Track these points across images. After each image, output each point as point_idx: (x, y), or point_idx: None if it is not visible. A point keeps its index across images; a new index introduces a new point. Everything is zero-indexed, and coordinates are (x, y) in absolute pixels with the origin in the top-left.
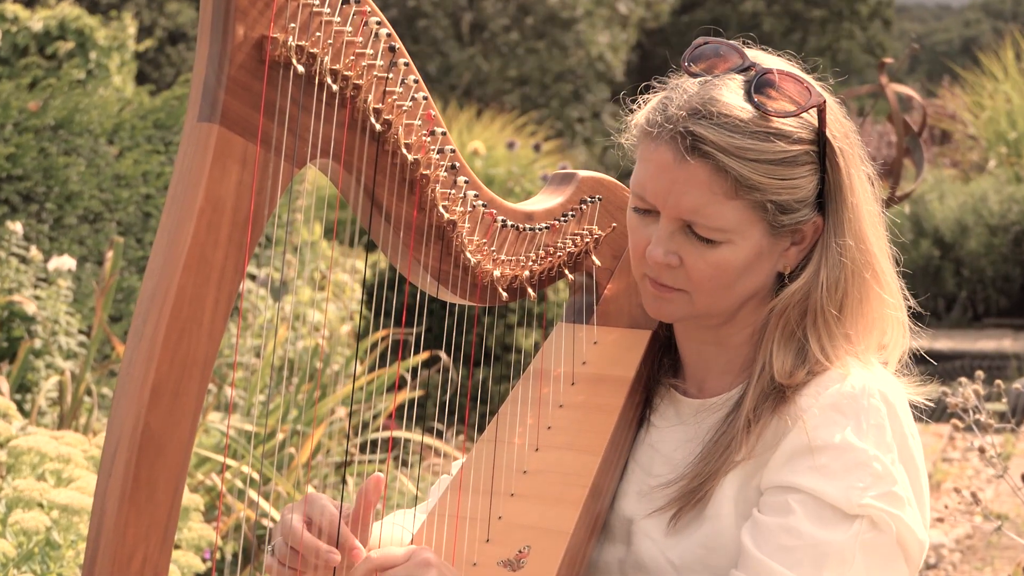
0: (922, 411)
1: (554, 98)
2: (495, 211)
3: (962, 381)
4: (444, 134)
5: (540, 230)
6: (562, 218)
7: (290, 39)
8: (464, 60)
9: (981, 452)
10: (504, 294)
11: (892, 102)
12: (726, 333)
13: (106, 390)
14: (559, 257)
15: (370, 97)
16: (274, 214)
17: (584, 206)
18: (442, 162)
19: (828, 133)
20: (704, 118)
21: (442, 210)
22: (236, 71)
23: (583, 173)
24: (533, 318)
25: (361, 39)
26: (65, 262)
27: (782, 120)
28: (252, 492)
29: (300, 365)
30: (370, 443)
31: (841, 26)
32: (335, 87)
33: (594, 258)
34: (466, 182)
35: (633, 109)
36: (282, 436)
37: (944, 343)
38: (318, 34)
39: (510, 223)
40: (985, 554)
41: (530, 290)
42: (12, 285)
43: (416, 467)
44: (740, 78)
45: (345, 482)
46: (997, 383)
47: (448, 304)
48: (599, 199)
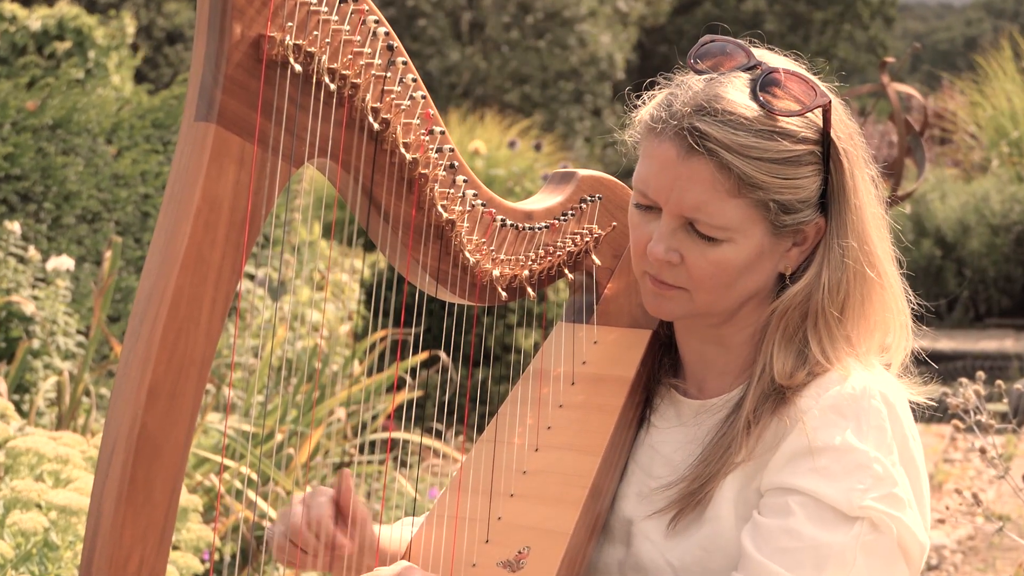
0: (923, 411)
1: (554, 99)
2: (494, 210)
3: (963, 382)
4: (443, 133)
5: (540, 229)
6: (562, 217)
7: (287, 38)
8: (464, 59)
9: (982, 453)
10: (503, 294)
11: (894, 101)
12: (726, 333)
13: (104, 390)
14: (559, 256)
15: (368, 96)
16: (272, 213)
17: (584, 205)
18: (441, 161)
19: (833, 134)
20: (708, 115)
21: (441, 209)
22: (233, 70)
23: (583, 172)
24: (533, 318)
25: (359, 38)
26: (63, 262)
27: (787, 119)
28: (251, 493)
29: (299, 365)
30: (369, 444)
31: (842, 26)
32: (333, 86)
33: (594, 257)
34: (465, 181)
35: (637, 105)
36: (281, 437)
37: (946, 343)
38: (316, 33)
39: (509, 222)
40: (987, 555)
41: (530, 290)
42: (10, 285)
43: (415, 468)
44: (746, 76)
45: None
46: (998, 384)
47: (448, 304)
48: (599, 198)
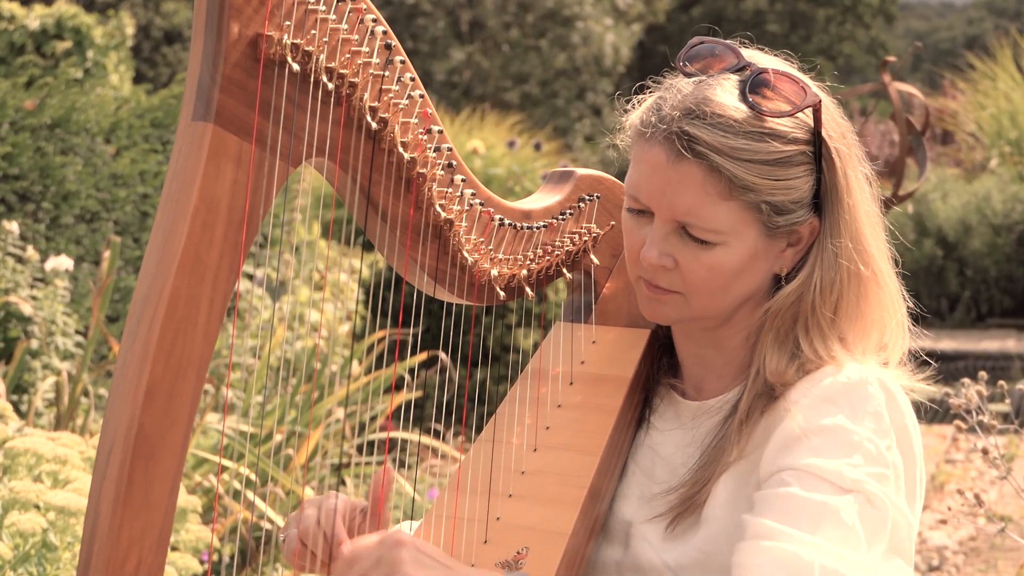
0: (925, 412)
1: (555, 96)
2: (492, 209)
3: (965, 382)
4: (440, 132)
5: (538, 228)
6: (560, 216)
7: (285, 37)
8: (464, 58)
9: (984, 453)
10: (502, 293)
11: (895, 101)
12: (723, 335)
13: (103, 391)
14: (557, 256)
15: (366, 95)
16: (270, 213)
17: (582, 204)
18: (439, 160)
19: (824, 133)
20: (698, 118)
21: (439, 209)
22: (231, 69)
23: (581, 171)
24: (532, 318)
25: (357, 37)
26: (62, 262)
27: (777, 120)
28: (250, 493)
29: (298, 366)
30: (368, 444)
31: (844, 25)
32: (331, 85)
33: (592, 257)
34: (463, 180)
35: (627, 109)
36: (280, 437)
37: (947, 343)
38: (313, 32)
39: (507, 222)
40: (988, 556)
41: (528, 289)
42: (9, 285)
43: (415, 468)
44: (735, 78)
45: (343, 483)
46: (1000, 384)
47: (447, 304)
48: (597, 197)
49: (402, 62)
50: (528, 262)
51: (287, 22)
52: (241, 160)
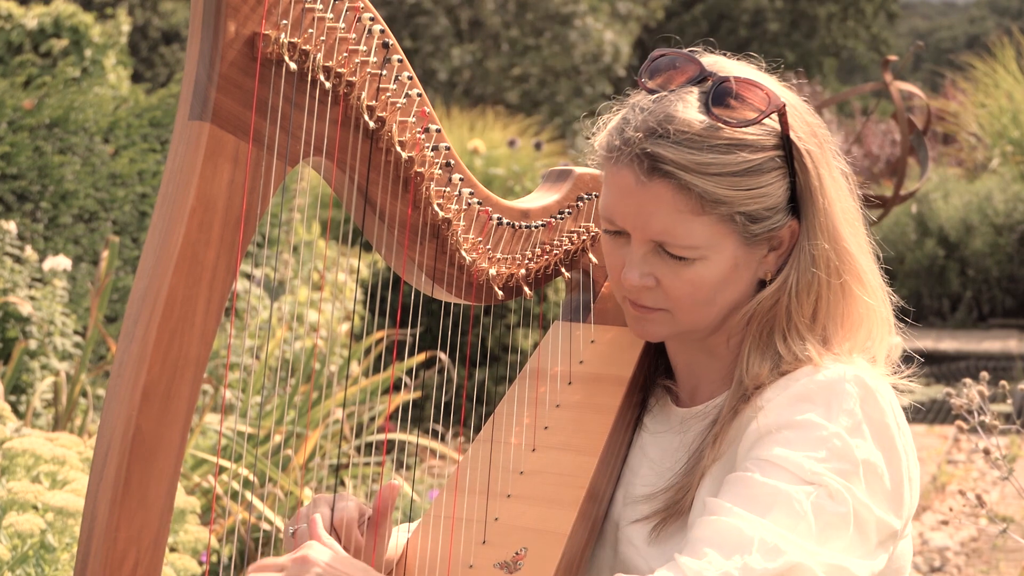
0: (927, 412)
1: (554, 95)
2: (490, 209)
3: (967, 382)
4: (438, 131)
5: (536, 228)
6: (558, 215)
7: (282, 36)
8: (463, 57)
9: (986, 454)
10: (500, 293)
11: (896, 100)
12: (714, 343)
13: (101, 391)
14: (556, 255)
15: (363, 94)
16: (268, 213)
17: (581, 203)
18: (436, 160)
19: (793, 135)
20: (662, 137)
21: (437, 208)
22: (228, 69)
23: (579, 169)
24: (531, 318)
25: (354, 35)
26: (60, 262)
27: (743, 129)
28: (248, 494)
29: (297, 366)
30: (367, 445)
31: (846, 23)
32: (328, 84)
33: (591, 256)
34: (461, 179)
35: (594, 132)
36: (279, 438)
37: (949, 343)
38: (311, 31)
39: (506, 221)
40: (990, 557)
41: (526, 289)
42: (7, 285)
43: (414, 469)
44: (696, 90)
45: (343, 484)
46: (1002, 384)
47: (446, 304)
48: (596, 196)
49: (400, 61)
50: (527, 261)
51: (284, 21)
52: (238, 159)
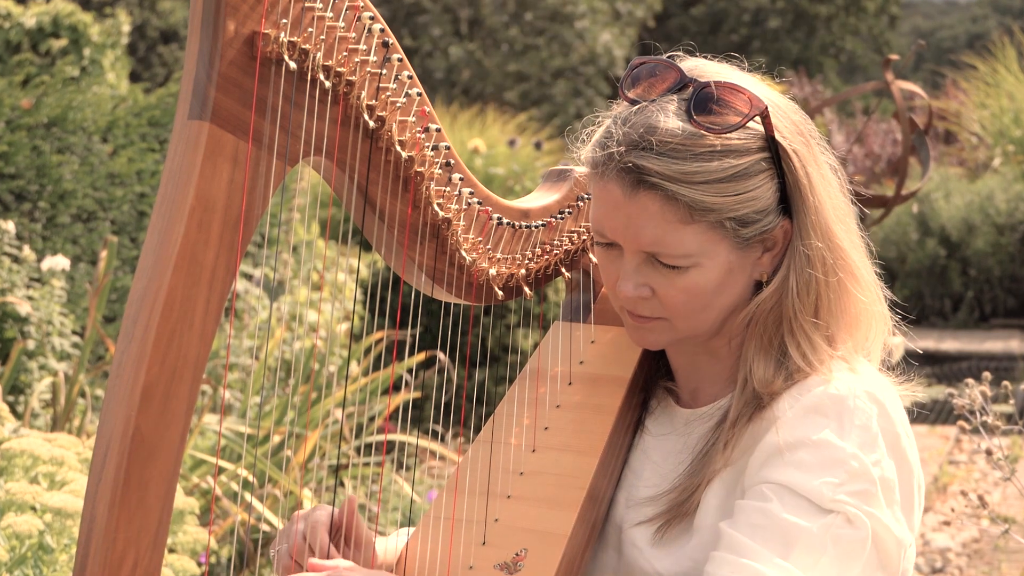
0: (928, 413)
1: (553, 96)
2: (490, 208)
3: (969, 382)
4: (438, 131)
5: (536, 227)
6: (558, 215)
7: (282, 35)
8: (463, 56)
9: (988, 455)
10: (500, 293)
11: (898, 99)
12: (714, 345)
13: (100, 392)
14: (556, 255)
15: (363, 93)
16: (268, 212)
17: (581, 203)
18: (436, 159)
19: (778, 136)
20: (645, 149)
21: (436, 208)
22: (227, 68)
23: (579, 169)
24: (531, 318)
25: (354, 35)
26: (59, 262)
27: (727, 135)
28: (247, 495)
29: (296, 366)
30: (367, 445)
31: (847, 22)
32: (328, 83)
33: (591, 256)
34: (461, 179)
35: (579, 145)
36: (278, 438)
37: (950, 344)
38: (310, 30)
39: (506, 221)
40: (992, 558)
41: (526, 289)
42: (5, 285)
43: (414, 470)
44: (677, 98)
45: (342, 485)
46: (1004, 384)
47: (446, 304)
48: None
49: (399, 60)
50: (527, 261)
51: (283, 20)
52: (238, 159)
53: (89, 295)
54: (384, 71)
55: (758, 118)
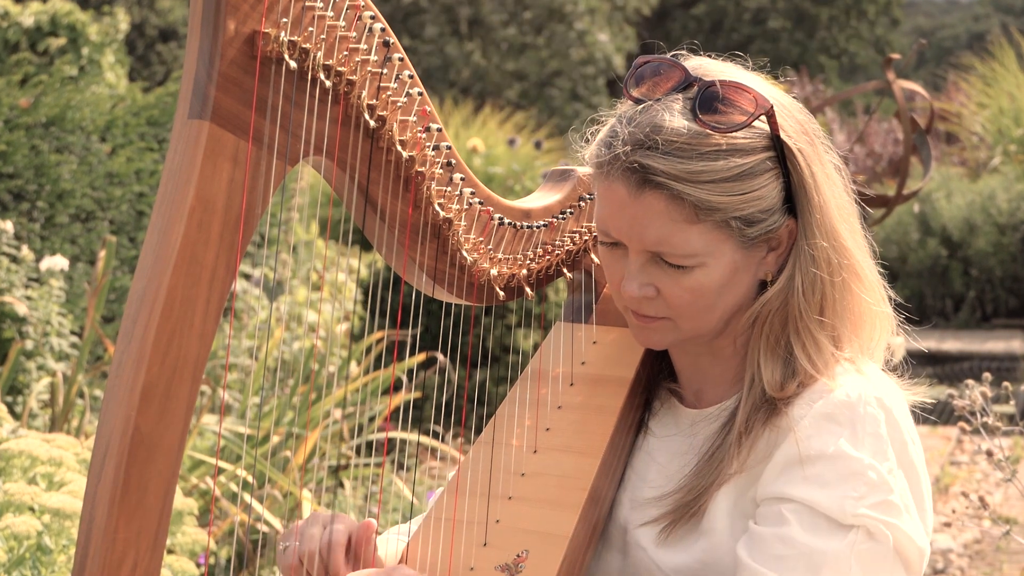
0: (929, 413)
1: (554, 98)
2: (492, 208)
3: (970, 383)
4: (439, 130)
5: (538, 228)
6: (560, 215)
7: (282, 34)
8: (462, 56)
9: (989, 455)
10: (501, 293)
11: (899, 99)
12: (718, 346)
13: (98, 392)
14: (557, 255)
15: (364, 93)
16: (268, 212)
17: (582, 203)
18: (437, 159)
19: (783, 135)
20: (650, 148)
21: (437, 208)
22: (227, 67)
23: (581, 169)
24: (532, 319)
25: (355, 34)
26: (57, 262)
27: (732, 134)
28: (247, 495)
29: (295, 366)
30: (366, 446)
31: (849, 21)
32: (328, 83)
33: (593, 256)
34: (462, 179)
35: (584, 144)
36: (277, 439)
37: (952, 344)
38: (311, 29)
39: (507, 221)
40: (993, 559)
41: (528, 289)
42: (3, 285)
43: (413, 470)
44: (682, 97)
45: (341, 485)
46: (1005, 385)
47: (446, 304)
48: None
49: (400, 59)
50: (528, 261)
51: (284, 19)
52: (238, 158)
53: (88, 295)
54: (385, 70)
55: (763, 117)
